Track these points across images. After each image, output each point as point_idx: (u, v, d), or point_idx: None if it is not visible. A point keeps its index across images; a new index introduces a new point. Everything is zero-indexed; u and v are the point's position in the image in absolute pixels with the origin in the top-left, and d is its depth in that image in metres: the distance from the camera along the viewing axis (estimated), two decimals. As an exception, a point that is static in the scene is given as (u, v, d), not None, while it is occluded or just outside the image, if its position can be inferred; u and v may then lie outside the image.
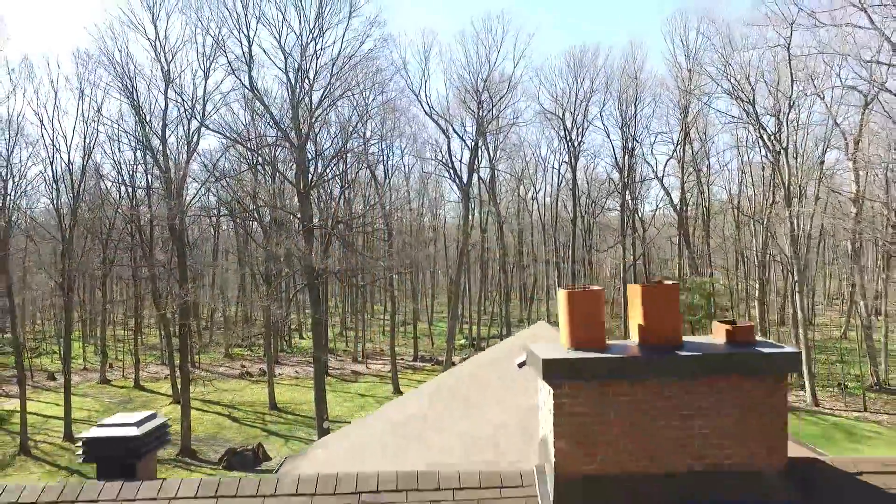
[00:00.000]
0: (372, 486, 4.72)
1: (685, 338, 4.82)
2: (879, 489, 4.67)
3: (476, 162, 50.40)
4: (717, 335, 4.89)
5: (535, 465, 4.88)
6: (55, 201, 38.38)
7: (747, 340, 4.72)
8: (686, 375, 4.48)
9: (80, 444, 5.24)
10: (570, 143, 54.29)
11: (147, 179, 42.54)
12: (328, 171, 39.81)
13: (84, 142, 38.16)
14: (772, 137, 41.34)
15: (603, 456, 4.50)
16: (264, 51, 60.65)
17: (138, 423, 5.31)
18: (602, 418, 4.50)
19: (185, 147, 35.60)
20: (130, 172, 43.68)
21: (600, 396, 4.49)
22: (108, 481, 4.83)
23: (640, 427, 4.50)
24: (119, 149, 43.77)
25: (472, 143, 48.93)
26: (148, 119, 34.88)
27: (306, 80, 33.11)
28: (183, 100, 34.93)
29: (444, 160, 52.61)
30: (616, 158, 52.14)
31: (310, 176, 33.54)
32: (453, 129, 50.60)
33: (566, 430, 4.49)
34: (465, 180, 49.51)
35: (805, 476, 4.68)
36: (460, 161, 52.40)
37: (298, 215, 32.98)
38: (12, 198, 39.20)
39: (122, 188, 45.16)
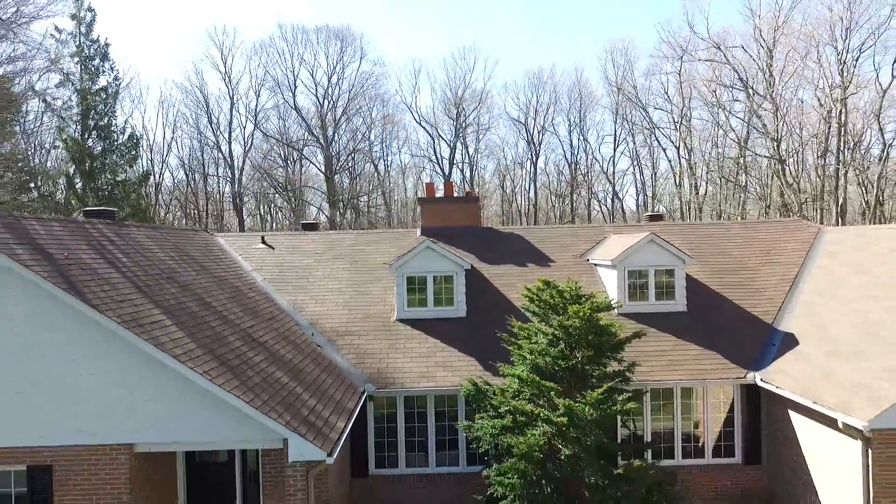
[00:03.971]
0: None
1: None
2: (521, 236, 18.90)
3: (460, 158, 64.47)
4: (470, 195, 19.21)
5: (418, 229, 19.21)
6: (144, 189, 52.22)
7: (474, 198, 18.97)
8: (461, 202, 18.79)
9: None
10: (532, 145, 68.33)
11: (204, 169, 56.32)
12: (342, 164, 54.08)
13: (163, 143, 52.48)
14: (682, 141, 55.22)
15: (437, 222, 18.78)
16: (301, 81, 75.90)
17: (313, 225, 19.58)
18: (440, 214, 18.85)
19: (243, 146, 50.09)
20: (192, 165, 57.76)
21: (437, 209, 18.83)
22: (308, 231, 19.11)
23: (445, 216, 18.78)
24: (182, 147, 57.78)
25: (452, 144, 63.17)
26: (218, 126, 49.34)
27: (329, 101, 47.56)
28: (239, 112, 49.31)
29: (431, 158, 66.62)
30: (566, 157, 66.32)
31: (333, 166, 48.02)
32: (438, 134, 64.70)
33: (425, 215, 18.89)
34: (447, 174, 63.62)
35: (481, 231, 19.01)
36: (446, 159, 66.37)
37: (325, 191, 47.40)
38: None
39: (188, 177, 59.23)
